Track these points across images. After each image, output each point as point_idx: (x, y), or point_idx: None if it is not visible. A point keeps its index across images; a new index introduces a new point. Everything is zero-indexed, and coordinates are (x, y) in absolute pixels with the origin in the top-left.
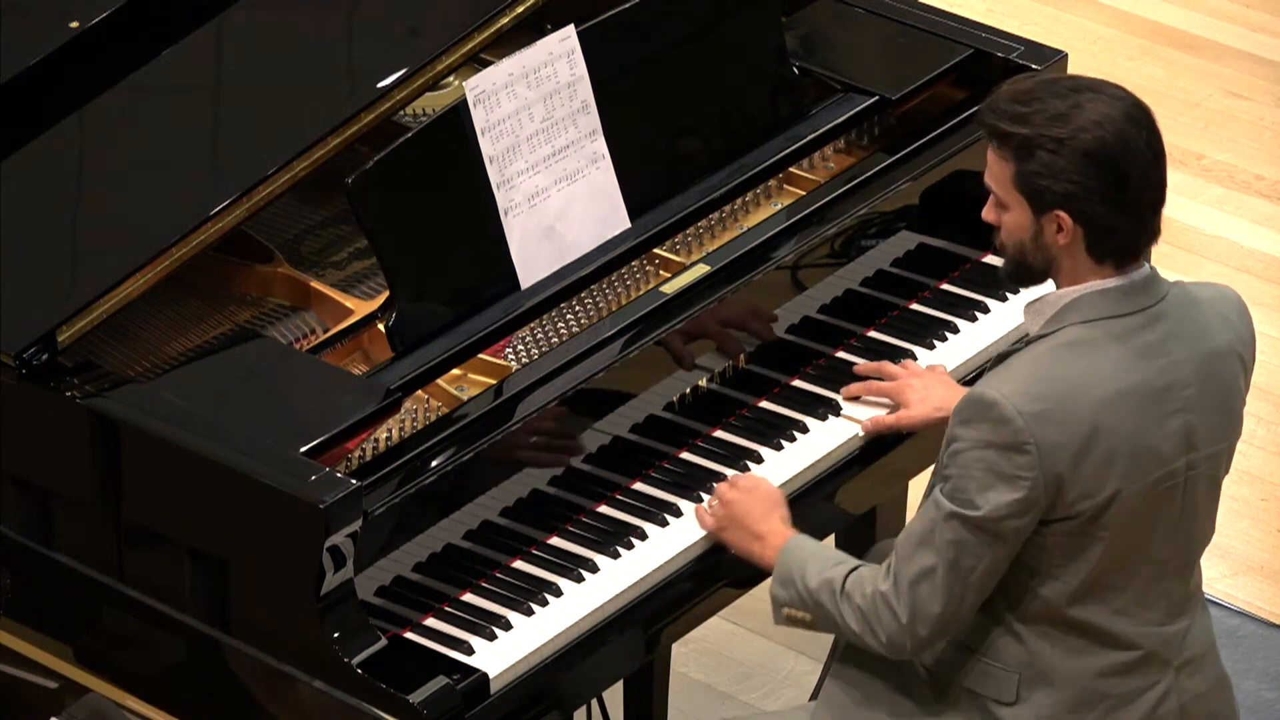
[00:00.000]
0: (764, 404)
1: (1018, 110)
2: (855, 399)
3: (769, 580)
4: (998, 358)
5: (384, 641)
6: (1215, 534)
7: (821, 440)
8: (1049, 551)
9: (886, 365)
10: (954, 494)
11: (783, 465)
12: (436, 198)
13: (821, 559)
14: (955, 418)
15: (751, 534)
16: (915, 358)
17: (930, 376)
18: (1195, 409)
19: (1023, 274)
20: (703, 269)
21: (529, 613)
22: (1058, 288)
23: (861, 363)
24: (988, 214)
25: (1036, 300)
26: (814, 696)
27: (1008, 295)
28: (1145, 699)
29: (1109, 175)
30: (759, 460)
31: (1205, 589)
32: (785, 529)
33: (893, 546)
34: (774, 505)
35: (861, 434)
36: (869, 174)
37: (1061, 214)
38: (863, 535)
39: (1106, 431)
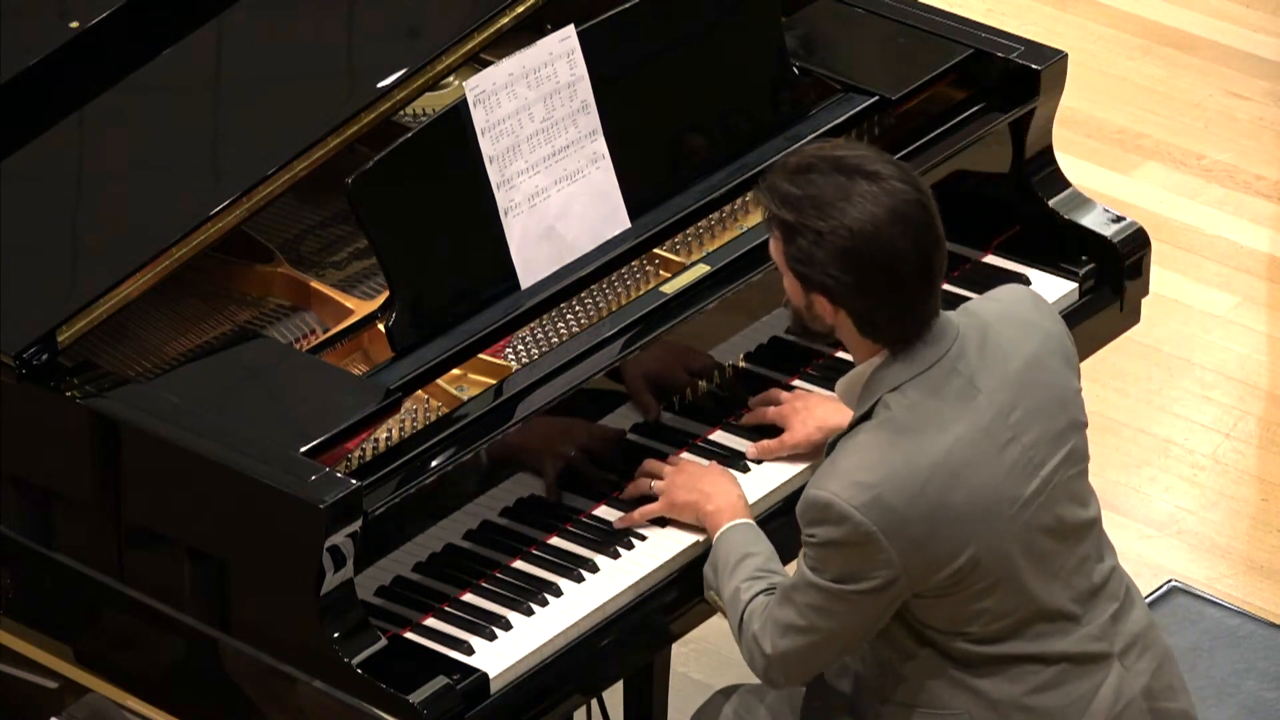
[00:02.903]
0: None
1: (788, 191)
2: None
3: None
4: (829, 447)
5: (384, 641)
6: (1215, 534)
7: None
8: (944, 613)
9: (773, 392)
10: (814, 570)
11: (783, 465)
12: (436, 198)
13: (747, 562)
14: (801, 519)
15: (703, 494)
16: None
17: (812, 398)
18: (1028, 428)
19: (810, 337)
20: (703, 269)
21: (529, 613)
22: (854, 361)
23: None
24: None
25: (843, 379)
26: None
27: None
28: (1101, 698)
29: (866, 274)
30: (757, 461)
31: (1205, 589)
32: (738, 503)
33: None
34: (735, 482)
35: (749, 458)
36: None
37: (822, 298)
38: None
39: (949, 491)
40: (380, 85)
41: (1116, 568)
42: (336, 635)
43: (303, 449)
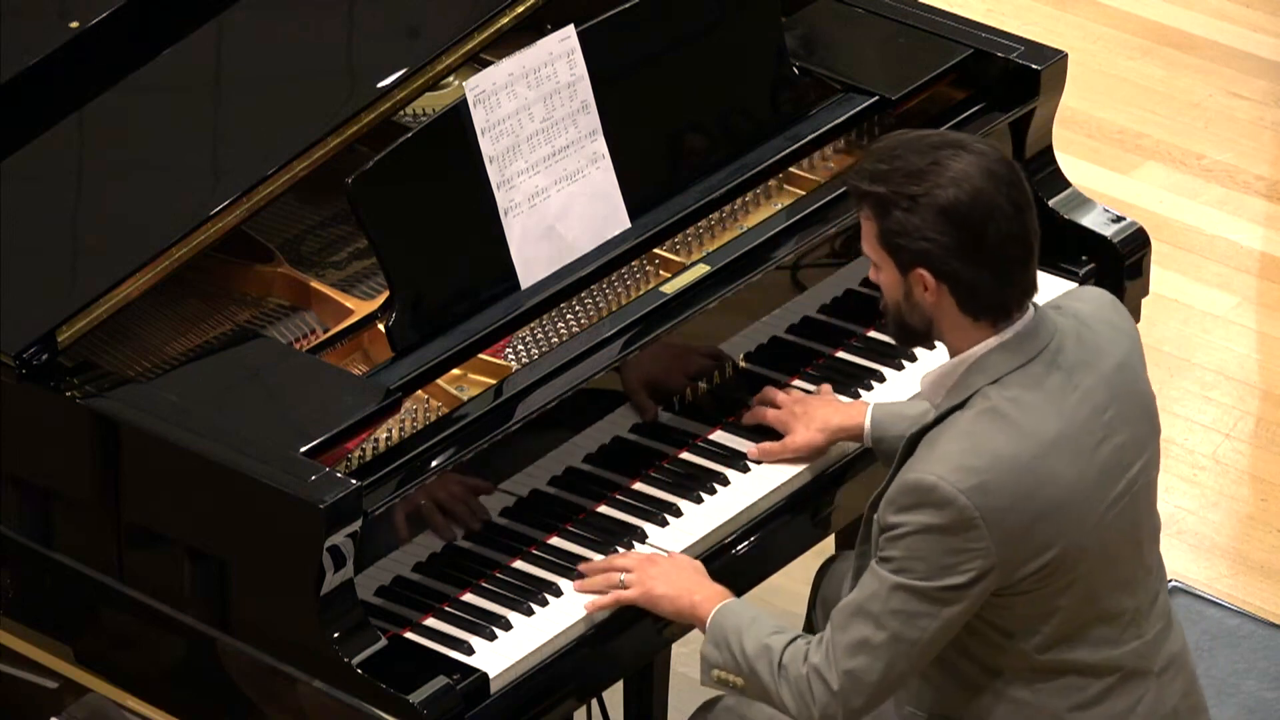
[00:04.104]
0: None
1: (878, 168)
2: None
3: (771, 578)
4: (908, 441)
5: (384, 641)
6: (1215, 534)
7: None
8: (1018, 611)
9: (771, 393)
10: (900, 571)
11: (784, 465)
12: (436, 198)
13: (759, 625)
14: (890, 507)
15: (683, 588)
16: (915, 358)
17: (812, 400)
18: (1119, 429)
19: (906, 335)
20: (703, 269)
21: (529, 613)
22: (950, 353)
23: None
24: (871, 274)
25: (933, 372)
26: None
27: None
28: (1137, 715)
29: (964, 232)
30: (757, 462)
31: (1205, 589)
32: (716, 586)
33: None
34: (699, 568)
35: (751, 458)
36: None
37: (923, 272)
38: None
39: (1046, 484)
40: (380, 85)
41: (1165, 587)
42: (336, 635)
43: (303, 449)
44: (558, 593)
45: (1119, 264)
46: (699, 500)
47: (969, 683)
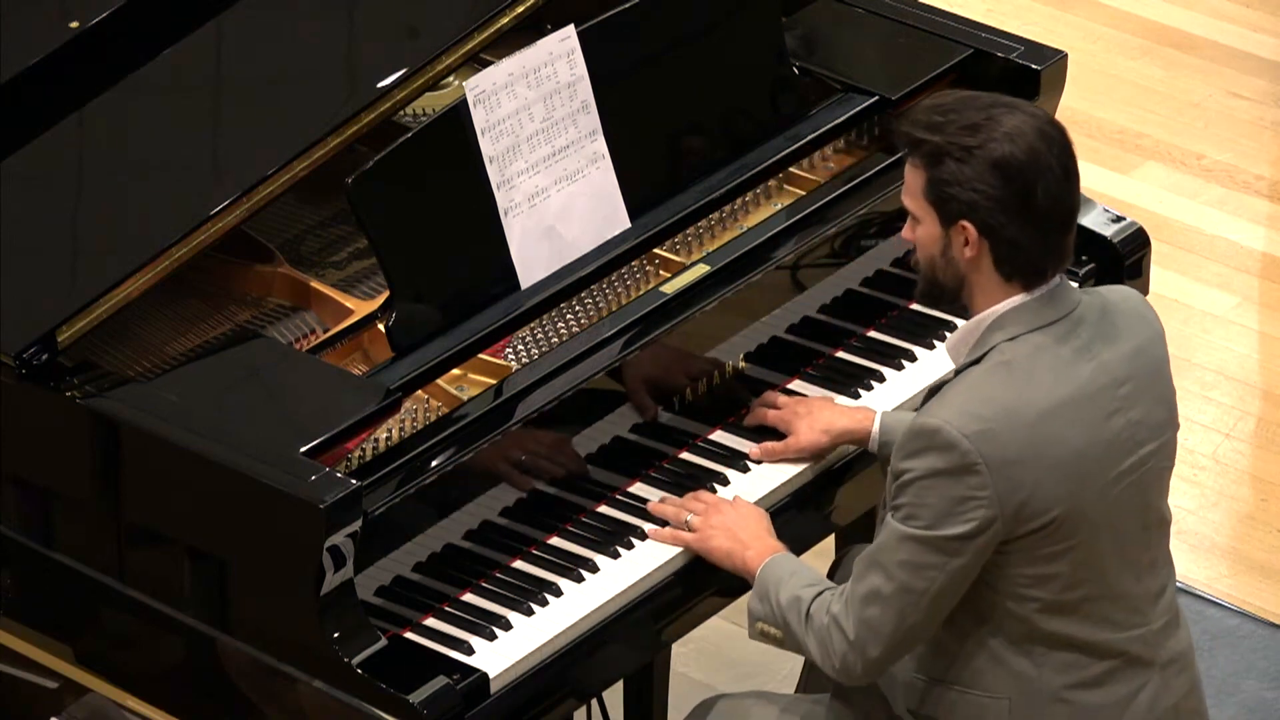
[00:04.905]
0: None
1: (934, 120)
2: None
3: None
4: (929, 390)
5: (384, 641)
6: (1215, 534)
7: None
8: (1017, 571)
9: (771, 395)
10: (907, 520)
11: (783, 467)
12: (436, 198)
13: (798, 577)
14: (899, 452)
15: (739, 541)
16: (915, 358)
17: (815, 402)
18: (1134, 405)
19: (935, 292)
20: (703, 269)
21: (529, 613)
22: (971, 314)
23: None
24: (905, 232)
25: (956, 333)
26: (800, 687)
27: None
28: (1138, 704)
29: (1014, 187)
30: (758, 462)
31: (1205, 589)
32: (773, 541)
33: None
34: (761, 516)
35: (752, 458)
36: (869, 174)
37: (967, 225)
38: (866, 533)
39: (1053, 443)
40: (380, 85)
41: (1174, 584)
42: (336, 635)
43: (303, 449)
44: (558, 593)
45: (1119, 264)
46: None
47: (972, 649)
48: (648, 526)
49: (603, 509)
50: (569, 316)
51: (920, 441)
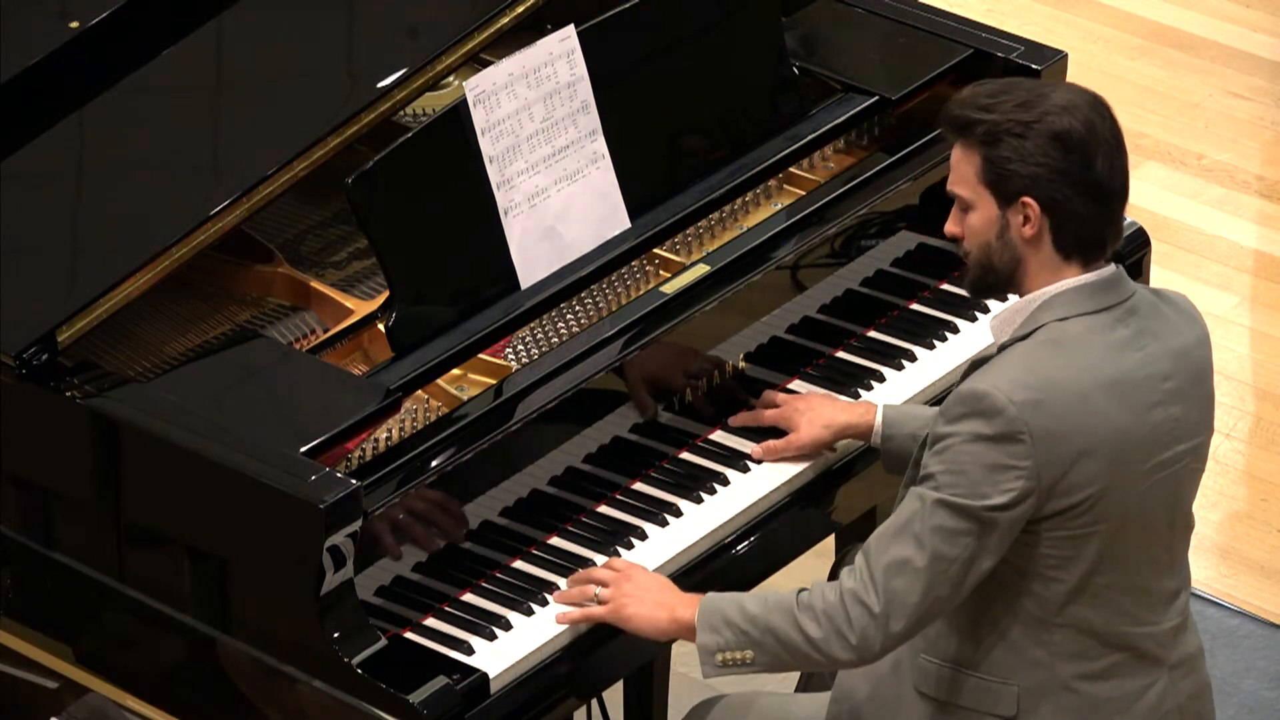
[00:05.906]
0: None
1: (984, 101)
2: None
3: (772, 578)
4: (971, 364)
5: (384, 641)
6: (1215, 534)
7: None
8: (1042, 551)
9: (769, 395)
10: (941, 486)
11: (783, 466)
12: (436, 198)
13: (754, 596)
14: (942, 417)
15: (659, 602)
16: (915, 358)
17: (814, 398)
18: (1177, 401)
19: (988, 280)
20: (703, 269)
21: (529, 613)
22: (1023, 296)
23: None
24: (951, 226)
25: (1002, 310)
26: (799, 687)
27: (1008, 295)
28: (1145, 701)
29: (1076, 158)
30: (759, 461)
31: (1205, 589)
32: (692, 595)
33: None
34: (667, 583)
35: (754, 459)
36: (869, 174)
37: (1029, 201)
38: (866, 533)
39: (1097, 419)
40: (380, 85)
41: (1189, 590)
42: (336, 635)
43: (303, 449)
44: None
45: (1119, 264)
46: (699, 500)
47: (985, 633)
48: (556, 609)
49: (603, 509)
50: (569, 316)
51: (966, 406)
